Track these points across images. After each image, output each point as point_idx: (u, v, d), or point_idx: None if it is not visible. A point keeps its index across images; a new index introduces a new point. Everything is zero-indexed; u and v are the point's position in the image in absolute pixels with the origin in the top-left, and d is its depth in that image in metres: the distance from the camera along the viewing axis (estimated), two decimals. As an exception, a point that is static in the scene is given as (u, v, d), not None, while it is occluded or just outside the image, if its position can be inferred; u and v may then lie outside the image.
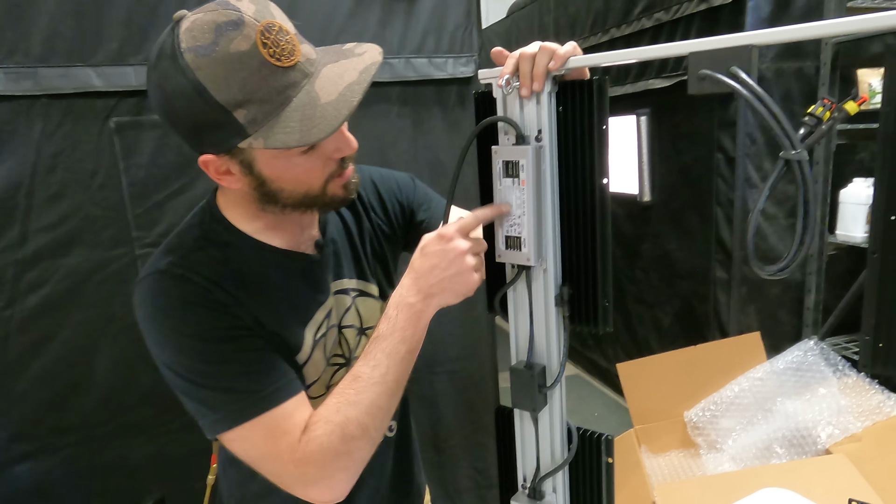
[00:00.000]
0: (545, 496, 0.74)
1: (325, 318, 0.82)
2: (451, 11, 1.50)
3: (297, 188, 0.72)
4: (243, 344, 0.70)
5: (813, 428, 1.39)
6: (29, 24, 1.19)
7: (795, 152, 0.48)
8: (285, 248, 0.79)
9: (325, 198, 0.74)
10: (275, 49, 0.63)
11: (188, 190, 1.35)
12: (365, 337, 0.89)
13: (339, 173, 0.74)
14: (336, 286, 0.85)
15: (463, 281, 0.70)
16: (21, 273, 1.25)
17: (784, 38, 0.51)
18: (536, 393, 0.68)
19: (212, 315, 0.69)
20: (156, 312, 0.69)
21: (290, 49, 0.64)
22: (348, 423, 0.68)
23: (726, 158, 2.05)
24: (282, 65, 0.63)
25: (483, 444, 1.72)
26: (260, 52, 0.62)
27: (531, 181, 0.63)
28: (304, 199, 0.73)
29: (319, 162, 0.71)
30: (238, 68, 0.62)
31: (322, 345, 0.81)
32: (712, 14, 2.01)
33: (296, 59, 0.65)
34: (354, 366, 0.72)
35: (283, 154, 0.68)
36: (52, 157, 1.24)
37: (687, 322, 2.40)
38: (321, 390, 0.84)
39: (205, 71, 0.62)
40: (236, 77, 0.62)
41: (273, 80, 0.63)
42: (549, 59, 0.61)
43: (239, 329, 0.70)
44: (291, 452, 0.67)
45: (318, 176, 0.72)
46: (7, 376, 1.28)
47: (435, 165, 1.56)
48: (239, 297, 0.71)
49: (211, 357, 0.69)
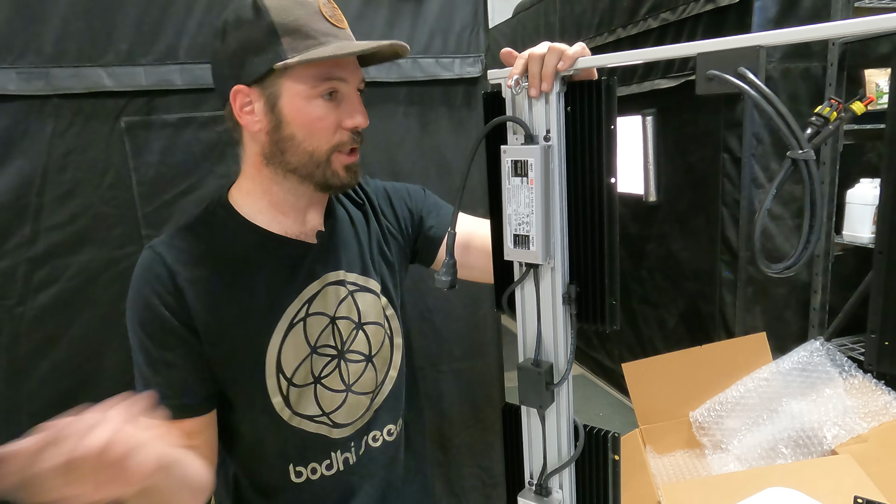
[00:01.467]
0: (552, 493, 0.74)
1: (305, 304, 0.85)
2: (458, 12, 1.50)
3: (306, 139, 0.78)
4: (165, 349, 0.79)
5: (819, 428, 1.39)
6: (41, 24, 1.20)
7: (802, 152, 0.48)
8: (281, 233, 0.84)
9: (327, 169, 0.80)
10: (330, 10, 0.79)
11: (197, 189, 1.36)
12: (363, 332, 0.90)
13: (347, 149, 0.81)
14: (330, 277, 0.87)
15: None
16: (32, 271, 1.27)
17: (792, 39, 0.51)
18: (544, 390, 0.69)
19: (154, 306, 0.78)
20: (132, 279, 0.81)
21: (339, 18, 0.80)
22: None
23: (732, 159, 2.05)
24: (334, 21, 0.78)
25: (489, 443, 1.72)
26: (318, 6, 0.77)
27: (539, 180, 0.64)
28: (308, 161, 0.79)
29: (333, 116, 0.79)
30: (298, 6, 0.76)
31: (300, 330, 0.84)
32: (719, 14, 2.01)
33: (342, 27, 0.80)
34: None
35: (306, 94, 0.77)
36: (63, 157, 1.26)
37: (692, 322, 2.40)
38: (308, 378, 0.86)
39: (278, 3, 0.76)
40: (295, 11, 0.76)
41: (321, 26, 0.77)
42: (557, 59, 0.62)
43: (169, 332, 0.78)
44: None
45: (328, 132, 0.79)
46: (18, 373, 1.29)
47: (441, 165, 1.57)
48: (197, 282, 0.79)
49: (140, 344, 0.80)
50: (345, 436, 0.90)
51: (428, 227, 0.99)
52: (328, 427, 0.89)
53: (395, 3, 1.45)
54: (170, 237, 0.83)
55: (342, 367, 0.89)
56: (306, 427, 0.87)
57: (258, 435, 0.87)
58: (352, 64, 0.81)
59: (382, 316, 0.93)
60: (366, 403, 0.92)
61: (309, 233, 0.88)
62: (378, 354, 0.93)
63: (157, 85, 1.29)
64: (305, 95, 0.77)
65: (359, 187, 0.97)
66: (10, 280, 1.25)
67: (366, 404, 0.92)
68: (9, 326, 1.26)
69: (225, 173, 1.37)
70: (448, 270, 0.72)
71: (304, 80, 0.77)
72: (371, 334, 0.92)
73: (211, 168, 1.36)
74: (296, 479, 0.88)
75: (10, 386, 1.28)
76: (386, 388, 0.95)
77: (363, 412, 0.92)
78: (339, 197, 0.95)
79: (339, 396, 0.89)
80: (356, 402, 0.91)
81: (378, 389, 0.93)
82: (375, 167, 1.50)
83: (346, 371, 0.89)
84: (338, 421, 0.89)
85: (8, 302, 1.26)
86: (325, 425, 0.89)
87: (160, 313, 0.78)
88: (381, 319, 0.93)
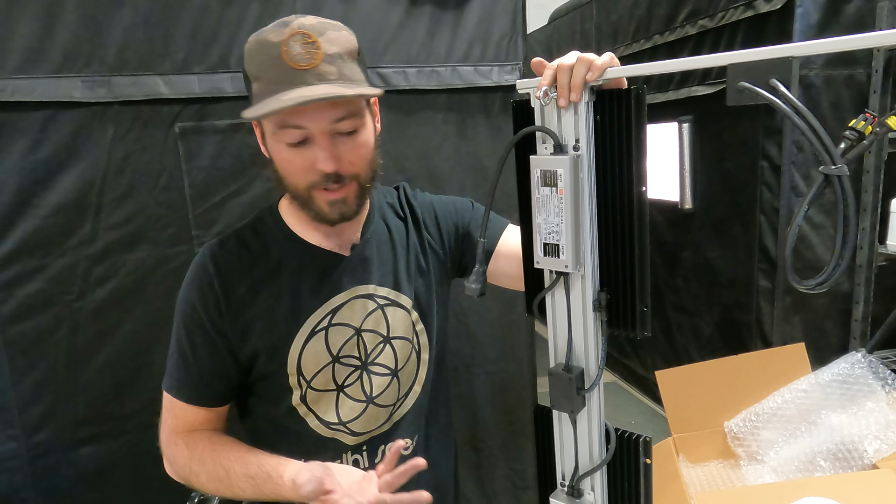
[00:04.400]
0: (584, 495, 0.75)
1: (329, 314, 0.88)
2: (497, 21, 1.53)
3: (286, 177, 0.82)
4: (195, 344, 0.86)
5: (859, 442, 1.36)
6: (104, 36, 1.28)
7: (836, 167, 0.48)
8: (316, 244, 0.89)
9: (312, 204, 0.83)
10: (297, 48, 0.75)
11: (244, 192, 1.42)
12: (390, 346, 0.92)
13: (324, 187, 0.81)
14: (358, 290, 0.90)
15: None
16: (91, 267, 1.34)
17: (825, 49, 0.50)
18: (575, 395, 0.69)
19: (195, 304, 0.85)
20: (186, 274, 0.89)
21: (307, 58, 0.75)
22: (192, 476, 0.85)
23: (771, 167, 2.02)
24: (293, 64, 0.75)
25: (520, 446, 1.74)
26: (281, 47, 0.75)
27: (569, 190, 0.64)
28: (296, 193, 0.83)
29: (300, 160, 0.80)
30: (262, 51, 0.76)
31: (322, 338, 0.87)
32: (758, 21, 1.98)
33: (307, 66, 0.75)
34: (239, 453, 0.84)
35: (273, 138, 0.80)
36: (121, 160, 1.33)
37: (728, 332, 2.37)
38: (329, 385, 0.89)
39: (248, 46, 0.79)
40: (258, 57, 0.77)
41: (277, 73, 0.75)
42: (586, 69, 0.62)
43: (200, 328, 0.86)
44: (166, 432, 0.90)
45: (298, 174, 0.81)
46: (76, 364, 1.37)
47: (478, 171, 1.60)
48: (234, 286, 0.86)
49: (177, 332, 0.87)
50: (359, 442, 0.93)
51: (477, 241, 1.00)
52: (344, 434, 0.92)
53: (436, 12, 1.49)
54: (220, 241, 0.89)
55: (364, 378, 0.91)
56: (322, 432, 0.91)
57: (275, 431, 0.91)
58: (314, 109, 0.76)
59: (412, 331, 0.94)
60: (385, 415, 0.93)
61: (344, 245, 0.91)
62: (403, 369, 0.93)
63: (210, 92, 1.36)
64: (273, 139, 0.80)
65: (405, 201, 0.99)
66: (72, 276, 1.33)
67: (385, 416, 0.93)
68: (69, 320, 1.35)
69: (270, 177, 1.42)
70: (478, 278, 0.73)
71: (269, 126, 0.80)
72: (398, 349, 0.93)
73: (258, 172, 1.42)
74: None
75: (68, 376, 1.37)
76: (408, 402, 0.95)
77: (381, 423, 0.93)
78: (382, 209, 0.96)
79: (360, 406, 0.91)
80: (375, 414, 0.92)
81: (399, 402, 0.94)
82: (414, 173, 1.53)
83: (368, 383, 0.91)
84: (355, 430, 0.92)
85: (69, 296, 1.34)
86: (342, 432, 0.92)
87: (197, 310, 0.85)
88: (409, 335, 0.94)
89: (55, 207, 1.30)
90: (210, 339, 0.86)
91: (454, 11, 1.50)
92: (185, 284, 0.88)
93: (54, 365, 1.35)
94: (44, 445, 1.37)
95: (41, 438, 1.36)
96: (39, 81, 1.25)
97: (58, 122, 1.28)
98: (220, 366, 0.87)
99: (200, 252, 0.89)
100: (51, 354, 1.35)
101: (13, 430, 1.34)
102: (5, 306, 1.30)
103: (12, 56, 1.24)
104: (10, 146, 1.26)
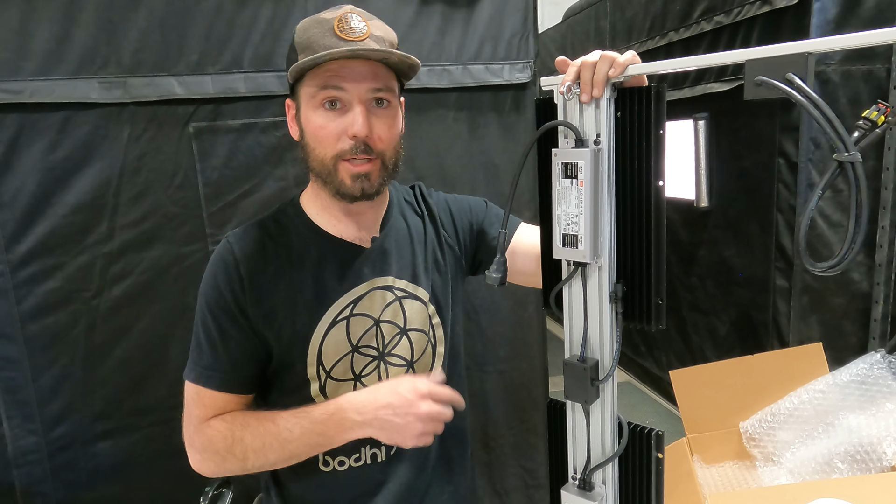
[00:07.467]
0: (595, 487, 0.75)
1: (351, 304, 0.90)
2: (508, 19, 1.53)
3: (316, 147, 0.84)
4: (223, 329, 0.86)
5: (878, 444, 1.34)
6: (121, 38, 1.31)
7: (849, 154, 0.49)
8: (337, 235, 0.90)
9: (335, 177, 0.85)
10: (346, 25, 0.82)
11: (257, 191, 1.43)
12: (406, 337, 0.93)
13: (350, 157, 0.83)
14: (378, 281, 0.92)
15: (402, 434, 0.81)
16: (108, 265, 1.37)
17: (843, 45, 0.51)
18: (589, 386, 0.70)
19: (221, 288, 0.86)
20: (208, 264, 0.89)
21: (356, 31, 0.82)
22: (236, 443, 0.84)
23: (788, 164, 2.00)
24: (344, 35, 0.81)
25: (532, 445, 1.73)
26: (334, 22, 0.82)
27: (589, 182, 0.66)
28: (322, 168, 0.85)
29: (334, 125, 0.83)
30: (314, 26, 0.83)
31: (343, 328, 0.89)
32: (775, 16, 1.96)
33: (357, 38, 0.81)
34: (282, 413, 0.84)
35: (311, 103, 0.83)
36: (137, 159, 1.36)
37: (744, 331, 2.34)
38: (347, 374, 0.90)
39: (300, 25, 0.85)
40: (311, 30, 0.83)
41: (328, 41, 0.81)
42: (609, 66, 0.64)
43: (228, 314, 0.86)
44: (194, 424, 0.87)
45: (331, 140, 0.83)
46: (93, 360, 1.39)
47: (489, 169, 1.60)
48: (257, 273, 0.86)
49: (203, 320, 0.87)
50: None
51: (491, 237, 1.01)
52: None
53: (447, 11, 1.49)
54: (243, 230, 0.90)
55: (381, 368, 0.92)
56: None
57: None
58: (355, 74, 0.81)
59: (428, 324, 0.95)
60: None
61: (364, 237, 0.92)
62: (419, 361, 0.95)
63: (223, 92, 1.37)
64: (311, 105, 0.83)
65: (422, 199, 1.01)
66: (89, 273, 1.36)
67: None
68: (86, 317, 1.37)
69: (283, 176, 1.44)
70: (499, 268, 0.74)
71: (309, 90, 0.83)
72: (414, 340, 0.94)
73: (270, 171, 1.43)
74: (324, 468, 0.92)
75: (86, 372, 1.39)
76: None
77: None
78: (401, 206, 0.99)
79: None
80: None
81: None
82: (425, 171, 1.54)
83: (384, 373, 0.92)
84: None
85: (86, 294, 1.36)
86: None
87: (223, 294, 0.86)
88: (425, 327, 0.95)
89: (73, 206, 1.33)
90: (238, 322, 0.86)
91: (465, 10, 1.50)
92: (209, 273, 0.88)
93: (72, 361, 1.38)
94: (63, 440, 1.40)
95: (60, 433, 1.39)
96: (57, 83, 1.28)
97: (75, 123, 1.31)
98: (251, 347, 0.87)
99: (222, 241, 0.89)
100: (69, 351, 1.37)
101: (33, 425, 1.37)
102: (25, 303, 1.33)
103: (31, 58, 1.26)
104: (30, 147, 1.29)
